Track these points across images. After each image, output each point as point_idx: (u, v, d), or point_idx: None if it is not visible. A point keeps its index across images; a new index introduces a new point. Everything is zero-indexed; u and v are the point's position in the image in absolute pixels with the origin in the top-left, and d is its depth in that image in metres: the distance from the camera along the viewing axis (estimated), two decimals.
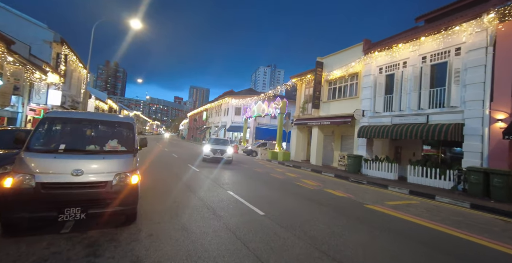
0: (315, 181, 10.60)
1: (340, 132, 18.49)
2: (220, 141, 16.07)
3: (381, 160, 13.03)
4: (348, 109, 15.41)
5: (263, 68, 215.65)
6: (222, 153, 14.46)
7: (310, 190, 8.36)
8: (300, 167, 15.67)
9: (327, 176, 12.83)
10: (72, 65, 20.78)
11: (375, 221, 5.29)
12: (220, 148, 14.58)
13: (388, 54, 13.23)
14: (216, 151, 14.40)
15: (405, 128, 11.43)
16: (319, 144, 17.90)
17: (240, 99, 33.75)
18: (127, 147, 4.17)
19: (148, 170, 9.72)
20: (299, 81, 20.31)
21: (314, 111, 18.19)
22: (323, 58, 18.01)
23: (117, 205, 3.56)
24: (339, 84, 16.85)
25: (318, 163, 17.74)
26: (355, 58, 15.15)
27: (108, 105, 43.58)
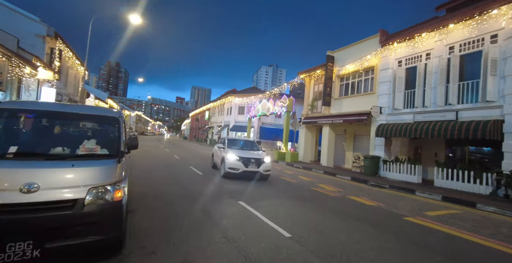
0: (333, 185, 9.46)
1: (353, 131, 17.33)
2: (246, 144, 10.92)
3: (402, 161, 11.87)
4: (363, 106, 14.25)
5: (264, 68, 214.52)
6: (258, 164, 9.12)
7: (332, 197, 7.22)
8: (311, 169, 14.53)
9: (343, 179, 11.69)
10: (68, 61, 19.77)
11: (432, 243, 4.16)
12: (253, 156, 9.26)
13: (409, 45, 12.06)
14: (250, 162, 9.01)
15: (430, 126, 10.27)
16: (330, 144, 16.75)
17: (244, 98, 32.64)
18: (110, 150, 3.07)
19: (144, 174, 8.63)
20: (307, 77, 19.17)
21: (325, 109, 17.04)
22: (334, 52, 16.86)
23: (91, 233, 2.47)
24: (352, 79, 15.69)
25: (330, 165, 16.60)
26: (371, 51, 13.98)
27: (109, 105, 42.65)
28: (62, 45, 16.96)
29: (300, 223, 4.64)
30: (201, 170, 10.57)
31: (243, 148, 10.44)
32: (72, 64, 20.97)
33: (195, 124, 61.43)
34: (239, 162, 8.91)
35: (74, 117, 3.28)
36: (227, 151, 9.50)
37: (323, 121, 16.58)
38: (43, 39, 15.58)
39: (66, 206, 2.41)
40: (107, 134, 3.35)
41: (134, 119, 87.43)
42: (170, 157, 15.58)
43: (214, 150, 11.67)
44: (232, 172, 8.90)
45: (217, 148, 10.99)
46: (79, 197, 2.47)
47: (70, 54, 18.98)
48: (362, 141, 16.88)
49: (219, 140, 11.98)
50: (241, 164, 8.90)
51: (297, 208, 5.72)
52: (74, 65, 21.55)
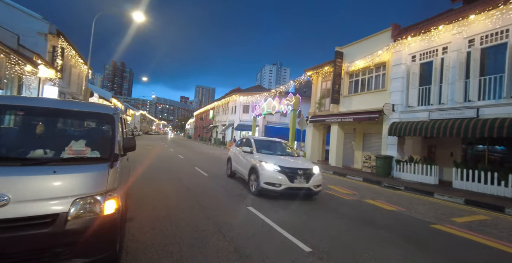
0: (345, 187, 8.94)
1: (362, 129, 16.73)
2: (279, 147, 8.06)
3: (416, 162, 11.27)
4: (374, 104, 13.66)
5: (268, 67, 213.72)
6: (308, 177, 6.33)
7: (347, 201, 6.71)
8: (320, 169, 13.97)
9: (354, 180, 11.15)
10: (71, 60, 19.50)
11: (472, 258, 3.63)
12: (299, 166, 6.51)
13: (424, 39, 11.42)
14: (297, 174, 6.23)
15: (449, 124, 9.65)
16: (339, 143, 16.17)
17: (249, 96, 32.14)
18: (102, 152, 2.61)
19: (147, 175, 8.22)
20: (314, 74, 18.59)
21: (333, 107, 16.47)
22: (343, 47, 16.25)
23: (76, 256, 2.02)
24: (362, 76, 15.08)
25: (338, 165, 16.03)
26: (382, 46, 13.36)
27: (113, 104, 42.57)
28: (65, 43, 16.66)
29: (319, 233, 4.14)
30: (207, 171, 10.13)
31: (280, 152, 7.59)
32: (75, 62, 20.71)
33: (199, 123, 61.20)
34: (281, 175, 6.15)
35: (61, 114, 2.83)
36: (259, 157, 6.83)
37: (332, 119, 16.01)
38: (45, 37, 15.28)
39: (43, 223, 1.96)
40: (99, 134, 2.90)
41: (139, 118, 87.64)
42: (173, 157, 15.20)
43: (233, 153, 8.81)
44: (270, 189, 6.16)
45: (238, 151, 8.30)
46: (60, 211, 2.02)
47: (73, 52, 18.70)
48: (372, 140, 16.29)
49: (242, 141, 8.81)
50: (285, 178, 6.11)
51: (313, 215, 5.23)
52: (78, 64, 21.30)
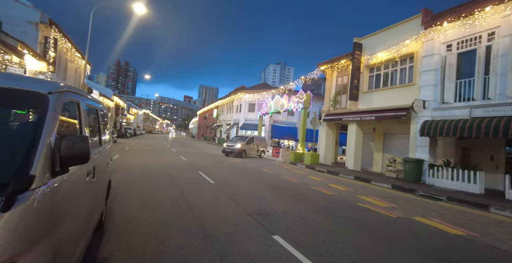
0: (378, 198, 7.45)
1: (382, 129, 15.21)
2: None
3: (454, 166, 9.73)
4: (400, 100, 12.13)
5: (272, 66, 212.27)
6: None
7: (394, 220, 5.21)
8: (338, 173, 12.50)
9: (382, 188, 9.65)
10: (67, 54, 18.24)
11: None
12: None
13: (464, 24, 9.87)
14: None
15: (501, 124, 8.11)
16: (358, 144, 14.66)
17: (255, 94, 30.69)
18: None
19: (139, 187, 6.84)
20: (329, 69, 17.08)
21: (351, 104, 14.95)
22: (362, 38, 14.73)
23: None
24: (384, 69, 13.54)
25: (357, 168, 14.52)
26: (410, 35, 11.82)
27: (115, 102, 41.44)
28: (58, 34, 15.38)
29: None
30: (213, 177, 8.71)
31: None
32: (72, 57, 19.45)
33: (203, 123, 59.93)
34: None
35: None
36: None
37: (350, 117, 14.50)
38: (35, 27, 14.01)
39: None
40: (8, 132, 1.49)
41: (142, 117, 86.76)
42: (175, 159, 13.83)
43: None
44: None
45: None
46: None
47: (68, 45, 17.43)
48: (394, 141, 14.77)
49: None
50: None
51: (364, 246, 3.77)
52: (75, 59, 20.05)
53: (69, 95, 1.86)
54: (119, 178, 7.01)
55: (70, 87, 1.98)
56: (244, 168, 12.00)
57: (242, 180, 8.63)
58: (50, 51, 14.20)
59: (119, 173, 7.91)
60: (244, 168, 11.98)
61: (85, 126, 2.22)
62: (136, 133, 46.41)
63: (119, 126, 42.49)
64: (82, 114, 2.16)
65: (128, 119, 58.36)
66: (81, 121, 2.13)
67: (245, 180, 8.71)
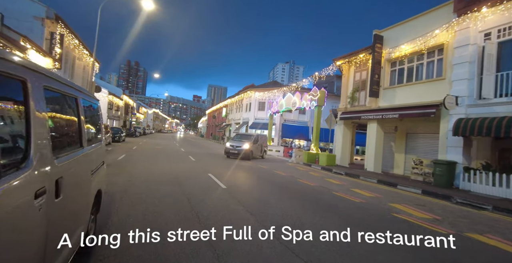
0: (413, 206, 6.49)
1: (405, 128, 14.10)
2: None
3: (496, 170, 8.62)
4: (427, 96, 11.06)
5: (281, 65, 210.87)
6: None
7: (449, 240, 4.28)
8: (358, 176, 11.52)
9: (412, 193, 8.64)
10: (75, 51, 17.88)
11: None
12: None
13: (507, 8, 8.73)
14: None
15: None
16: (378, 145, 13.60)
17: (266, 92, 29.85)
18: None
19: (142, 192, 6.14)
20: (345, 64, 16.04)
21: (371, 101, 13.90)
22: (383, 31, 13.65)
23: None
24: (408, 63, 12.45)
25: (377, 170, 13.47)
26: (439, 24, 10.71)
27: (124, 101, 41.42)
28: (65, 29, 14.96)
29: None
30: (224, 179, 7.93)
31: None
32: (80, 54, 19.11)
33: (212, 122, 59.53)
34: None
35: None
36: None
37: (370, 116, 13.46)
38: (41, 22, 13.60)
39: None
40: None
41: (152, 116, 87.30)
42: (184, 160, 13.16)
43: None
44: None
45: None
46: None
47: (76, 42, 17.04)
48: (418, 141, 13.65)
49: None
50: None
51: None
52: (83, 56, 19.71)
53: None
54: (120, 182, 6.33)
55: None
56: (256, 170, 11.20)
57: (255, 183, 7.82)
58: (56, 47, 13.77)
59: (121, 176, 7.24)
60: (256, 170, 11.18)
61: (37, 117, 1.43)
62: (146, 132, 46.36)
63: (128, 125, 42.48)
64: (31, 98, 1.39)
65: (138, 118, 58.57)
66: (28, 109, 1.35)
67: (259, 183, 7.89)
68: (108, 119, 33.20)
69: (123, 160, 10.55)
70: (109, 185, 5.93)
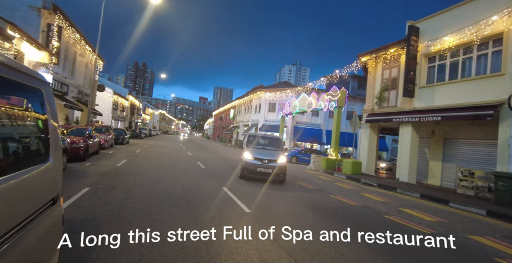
0: (498, 239, 4.83)
1: (442, 133, 12.37)
2: None
3: None
4: (478, 96, 9.38)
5: (288, 67, 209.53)
6: None
7: None
8: (395, 188, 9.84)
9: (475, 215, 6.93)
10: (75, 46, 16.66)
11: None
12: None
13: None
14: None
15: None
16: (413, 152, 11.88)
17: (277, 92, 28.30)
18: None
19: (142, 214, 4.64)
20: (372, 60, 14.39)
21: (404, 102, 12.22)
22: (419, 21, 12.00)
23: None
24: (452, 58, 10.76)
25: (411, 180, 11.74)
26: (496, 10, 9.04)
27: (130, 102, 40.38)
28: (64, 22, 13.71)
29: None
30: (244, 197, 6.39)
31: None
32: (81, 50, 17.91)
33: (218, 123, 58.22)
34: None
35: None
36: None
37: (403, 118, 11.78)
38: (38, 12, 12.36)
39: None
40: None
41: (158, 118, 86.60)
42: (192, 168, 11.68)
43: None
44: None
45: None
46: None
47: (77, 36, 15.82)
48: (458, 147, 11.92)
49: None
50: None
51: None
52: (85, 52, 18.51)
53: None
54: (113, 202, 4.85)
55: None
56: (277, 181, 9.61)
57: (284, 203, 6.23)
58: (53, 40, 12.51)
59: (117, 190, 5.77)
60: (277, 181, 9.59)
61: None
62: (151, 134, 45.24)
63: (134, 126, 41.41)
64: None
65: (144, 119, 57.66)
66: None
67: (288, 203, 6.30)
68: (113, 120, 32.08)
69: (122, 167, 9.11)
70: (98, 207, 4.46)
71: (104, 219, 3.94)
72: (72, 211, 4.13)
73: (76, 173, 7.43)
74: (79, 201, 4.77)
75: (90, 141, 10.84)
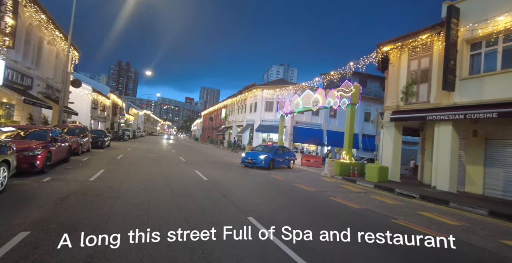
0: None
1: (483, 133, 10.65)
2: None
3: None
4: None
5: (275, 67, 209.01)
6: None
7: None
8: (447, 202, 7.91)
9: None
10: (41, 29, 13.78)
11: None
12: None
13: None
14: None
15: None
16: (454, 155, 10.08)
17: (277, 90, 26.18)
18: None
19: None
20: (395, 50, 12.52)
21: (440, 96, 10.40)
22: (458, 1, 10.21)
23: None
24: (505, 43, 9.01)
25: (452, 189, 9.91)
26: None
27: (112, 101, 37.01)
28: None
29: None
30: (256, 215, 4.12)
31: None
32: (50, 36, 15.02)
33: (208, 124, 55.44)
34: None
35: None
36: None
37: (442, 115, 9.94)
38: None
39: None
40: None
41: (143, 118, 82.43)
42: (197, 184, 9.31)
43: None
44: None
45: None
46: None
47: (43, 17, 13.00)
48: (504, 149, 10.20)
49: None
50: None
51: None
52: (55, 39, 15.61)
53: None
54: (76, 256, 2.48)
55: None
56: (297, 193, 7.44)
57: (318, 226, 4.03)
58: (6, 17, 9.74)
59: (78, 233, 3.36)
60: (297, 193, 7.43)
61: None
62: (136, 135, 41.94)
63: (116, 128, 38.04)
64: None
65: (128, 120, 53.95)
66: None
67: (325, 223, 4.10)
68: (92, 120, 28.86)
69: (96, 183, 6.64)
70: None
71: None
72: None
73: (22, 197, 4.93)
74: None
75: (54, 146, 8.24)
